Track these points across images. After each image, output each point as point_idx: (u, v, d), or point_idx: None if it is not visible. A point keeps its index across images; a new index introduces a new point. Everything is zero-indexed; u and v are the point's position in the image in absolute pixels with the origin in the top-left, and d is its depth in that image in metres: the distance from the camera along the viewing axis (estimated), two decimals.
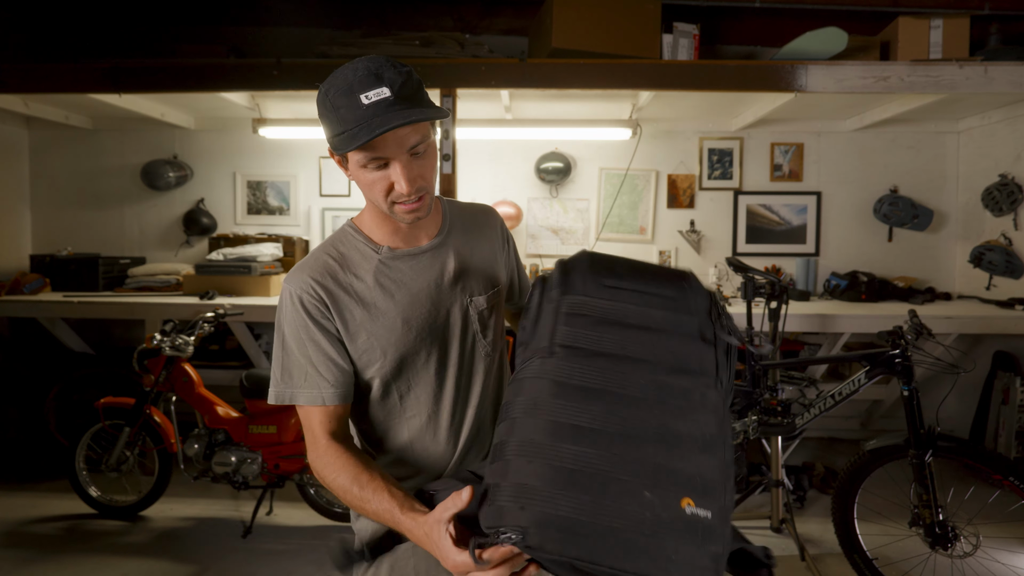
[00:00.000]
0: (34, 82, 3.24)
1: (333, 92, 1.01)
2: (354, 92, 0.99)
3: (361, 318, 1.11)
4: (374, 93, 0.98)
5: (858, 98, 3.43)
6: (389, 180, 1.04)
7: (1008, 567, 2.64)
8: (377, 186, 1.05)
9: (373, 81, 0.99)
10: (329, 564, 2.69)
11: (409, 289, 1.14)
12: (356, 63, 1.02)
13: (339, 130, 1.01)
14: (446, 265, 1.18)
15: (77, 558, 2.75)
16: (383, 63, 1.01)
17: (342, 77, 1.01)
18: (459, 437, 1.18)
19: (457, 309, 1.17)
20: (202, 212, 4.28)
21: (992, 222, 3.82)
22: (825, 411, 2.63)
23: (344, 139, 1.00)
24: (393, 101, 0.98)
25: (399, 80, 1.00)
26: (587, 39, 3.10)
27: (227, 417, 2.98)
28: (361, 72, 0.99)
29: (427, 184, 1.07)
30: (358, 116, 0.98)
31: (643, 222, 4.26)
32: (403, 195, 1.04)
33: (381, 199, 1.06)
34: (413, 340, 1.13)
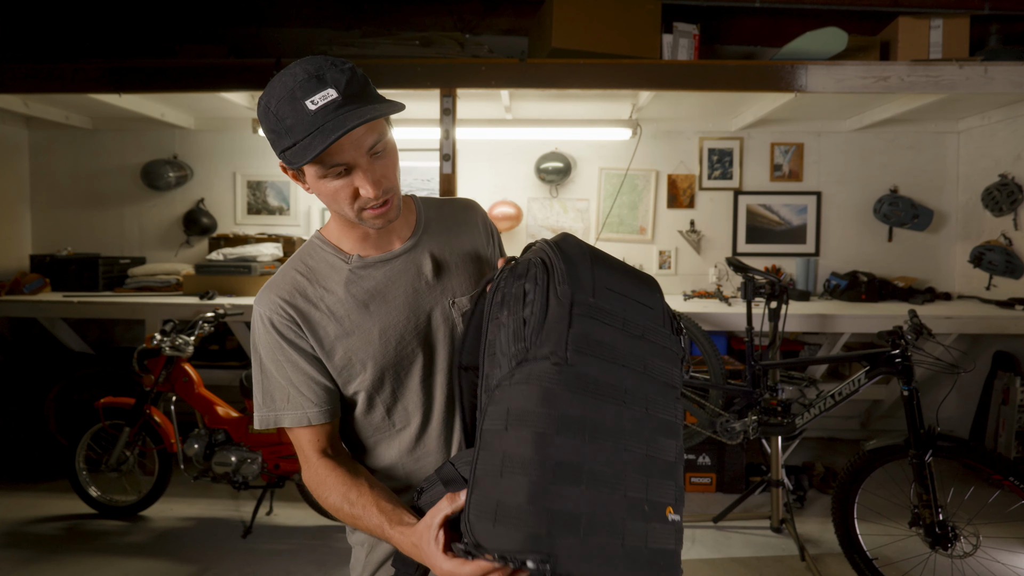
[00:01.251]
0: (34, 82, 3.24)
1: (275, 103, 0.93)
2: (297, 99, 0.91)
3: (336, 333, 1.06)
4: (319, 97, 0.91)
5: (858, 98, 3.43)
6: (353, 186, 0.98)
7: (1008, 567, 2.64)
8: (341, 195, 0.99)
9: (315, 84, 0.92)
10: (330, 564, 2.70)
11: (384, 297, 1.09)
12: (293, 67, 0.94)
13: (288, 142, 0.94)
14: (422, 267, 1.12)
15: (77, 558, 2.75)
16: (322, 63, 0.94)
17: (281, 85, 0.93)
18: (450, 446, 1.13)
19: (439, 313, 1.11)
20: (202, 212, 4.28)
21: (992, 222, 3.82)
22: (825, 411, 2.64)
23: (296, 152, 0.93)
24: (341, 102, 0.92)
25: (343, 79, 0.94)
26: (587, 39, 3.10)
27: (227, 417, 2.98)
28: (300, 76, 0.92)
29: (392, 184, 1.02)
30: (307, 124, 0.91)
31: (643, 222, 4.27)
32: (370, 199, 0.99)
33: (347, 208, 1.01)
34: (393, 350, 1.08)
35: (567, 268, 0.84)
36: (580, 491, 0.76)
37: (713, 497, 3.39)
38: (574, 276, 0.84)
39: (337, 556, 2.77)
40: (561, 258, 0.86)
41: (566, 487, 0.75)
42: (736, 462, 3.45)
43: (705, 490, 3.46)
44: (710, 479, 3.46)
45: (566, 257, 0.86)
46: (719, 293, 3.92)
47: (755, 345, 2.84)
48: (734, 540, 2.93)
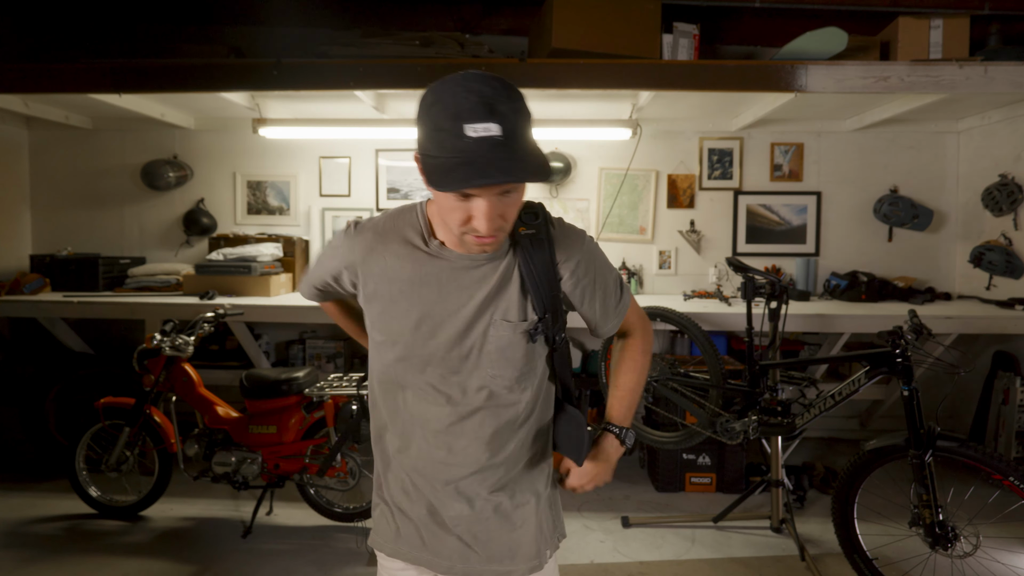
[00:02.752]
0: (34, 82, 3.24)
1: (438, 109, 0.93)
2: (460, 119, 0.90)
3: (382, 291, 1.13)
4: (482, 128, 0.89)
5: (858, 98, 3.43)
6: (468, 213, 0.97)
7: (1008, 567, 2.65)
8: (454, 214, 0.98)
9: (484, 113, 0.89)
10: (330, 564, 2.70)
11: (440, 288, 1.10)
12: (468, 81, 0.92)
13: (432, 151, 0.94)
14: (488, 278, 1.11)
15: (77, 558, 2.75)
16: (498, 90, 0.92)
17: (451, 94, 0.92)
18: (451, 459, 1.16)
19: (480, 326, 1.11)
20: (202, 212, 4.28)
21: (992, 222, 3.82)
22: (825, 411, 2.63)
23: (436, 170, 0.92)
24: (500, 142, 0.90)
25: (511, 117, 0.91)
26: (587, 39, 3.10)
27: (227, 417, 2.98)
28: (473, 96, 0.90)
29: (506, 223, 1.01)
30: (457, 148, 0.90)
31: (643, 222, 4.27)
32: (478, 231, 0.99)
33: (454, 226, 1.00)
34: (423, 339, 1.11)
35: None
36: None
37: (713, 497, 3.39)
38: None
39: (337, 556, 2.77)
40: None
41: None
42: (736, 462, 3.45)
43: (705, 490, 3.46)
44: (710, 479, 3.46)
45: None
46: (719, 293, 3.92)
47: (755, 345, 2.84)
48: (734, 540, 2.93)
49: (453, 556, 1.18)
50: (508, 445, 1.17)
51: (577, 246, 1.17)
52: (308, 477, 2.97)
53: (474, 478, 1.16)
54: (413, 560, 1.21)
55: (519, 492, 1.19)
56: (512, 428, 1.17)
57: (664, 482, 3.45)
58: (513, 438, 1.17)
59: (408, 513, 1.20)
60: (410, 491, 1.20)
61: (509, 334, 1.11)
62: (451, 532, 1.18)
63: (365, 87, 3.20)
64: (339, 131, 4.02)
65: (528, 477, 1.21)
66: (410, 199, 4.30)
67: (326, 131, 4.02)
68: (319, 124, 3.96)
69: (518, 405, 1.16)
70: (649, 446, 3.48)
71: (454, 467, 1.16)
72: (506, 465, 1.17)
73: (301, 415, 2.95)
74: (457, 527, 1.17)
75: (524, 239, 1.12)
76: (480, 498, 1.17)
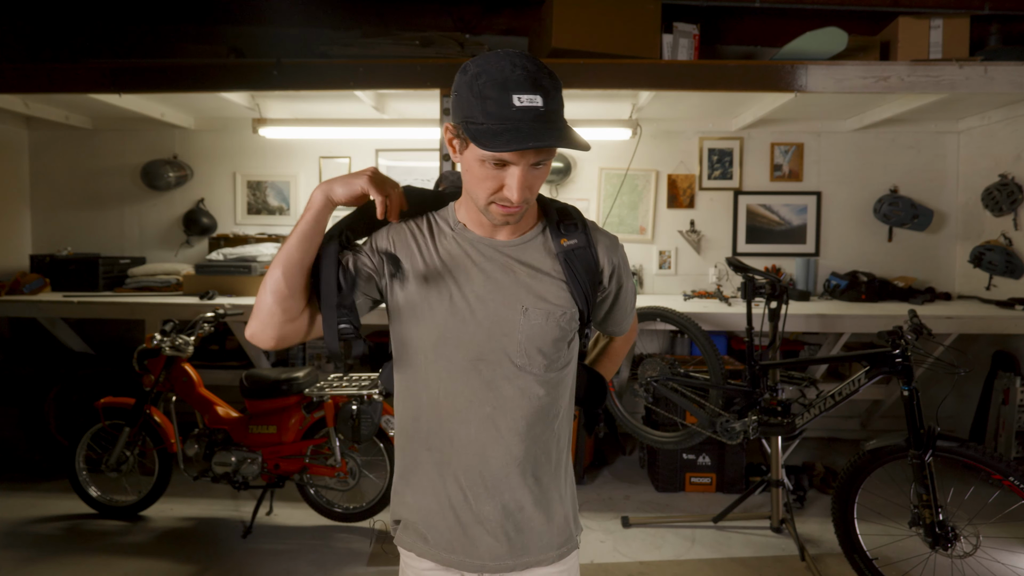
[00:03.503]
0: (34, 82, 3.24)
1: (484, 79, 0.97)
2: (508, 89, 0.95)
3: (413, 271, 1.13)
4: (527, 98, 0.95)
5: (858, 98, 3.43)
6: (501, 182, 1.02)
7: (1008, 567, 2.65)
8: (486, 183, 1.03)
9: (528, 86, 0.95)
10: (330, 564, 2.70)
11: (466, 270, 1.12)
12: (513, 57, 0.98)
13: (480, 121, 0.97)
14: (510, 265, 1.13)
15: (77, 558, 2.75)
16: (540, 68, 0.98)
17: (497, 67, 0.97)
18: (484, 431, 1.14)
19: (507, 311, 1.11)
20: (202, 212, 4.28)
21: (992, 222, 3.82)
22: (825, 411, 2.63)
23: (484, 134, 0.96)
24: (542, 113, 0.95)
25: (553, 92, 0.98)
26: (587, 39, 3.10)
27: (227, 417, 2.98)
28: (519, 70, 0.96)
29: (532, 195, 1.06)
30: (505, 116, 0.95)
31: (643, 222, 4.27)
32: (508, 200, 1.03)
33: (482, 194, 1.04)
34: (454, 322, 1.11)
35: None
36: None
37: (713, 497, 3.39)
38: None
39: (337, 556, 2.77)
40: None
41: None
42: (736, 462, 3.45)
43: (705, 490, 3.46)
44: (710, 479, 3.46)
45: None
46: (719, 293, 3.92)
47: (755, 345, 2.84)
48: (734, 540, 2.93)
49: (485, 555, 1.16)
50: (541, 437, 1.16)
51: (613, 253, 1.22)
52: (308, 477, 2.97)
53: (508, 471, 1.14)
54: (443, 562, 1.18)
55: (551, 485, 1.19)
56: (545, 420, 1.16)
57: (664, 482, 3.46)
58: (546, 431, 1.17)
59: (439, 513, 1.18)
60: (440, 489, 1.17)
61: (541, 322, 1.12)
62: (484, 529, 1.16)
63: (365, 87, 3.20)
64: (339, 131, 4.02)
65: (557, 470, 1.20)
66: None
67: (326, 131, 4.02)
68: (319, 124, 3.96)
69: (551, 396, 1.16)
70: (649, 446, 3.48)
71: (489, 460, 1.14)
72: (538, 458, 1.16)
73: (301, 415, 2.95)
74: (490, 523, 1.15)
75: (569, 250, 1.16)
76: (519, 490, 1.15)
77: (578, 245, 1.16)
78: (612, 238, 1.24)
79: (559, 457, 1.21)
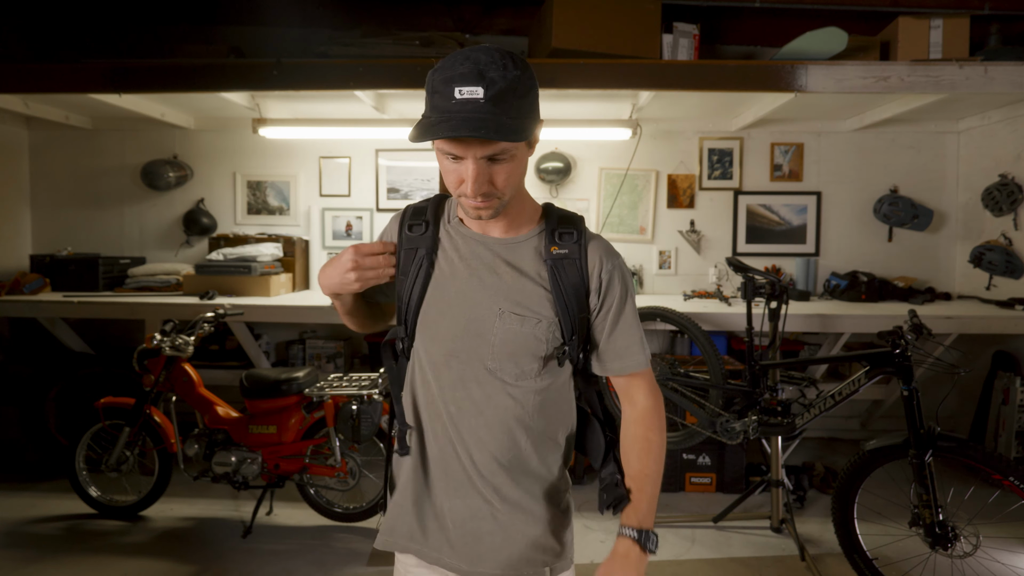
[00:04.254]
0: (34, 82, 3.24)
1: (437, 76, 0.99)
2: (452, 82, 0.96)
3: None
4: (468, 90, 0.95)
5: (858, 98, 3.43)
6: (460, 175, 1.03)
7: (1008, 567, 2.64)
8: (449, 177, 1.05)
9: (474, 78, 0.95)
10: (330, 564, 2.70)
11: (456, 264, 1.14)
12: (475, 52, 0.98)
13: (425, 113, 1.00)
14: (496, 265, 1.12)
15: (77, 558, 2.75)
16: (497, 60, 0.97)
17: (450, 63, 0.98)
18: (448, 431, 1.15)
19: (485, 311, 1.11)
20: (202, 212, 4.28)
21: (992, 222, 3.82)
22: (825, 411, 2.63)
23: (422, 126, 0.98)
24: (480, 104, 0.95)
25: (501, 84, 0.96)
26: (587, 39, 3.10)
27: (227, 417, 2.98)
28: (469, 63, 0.96)
29: (496, 190, 1.04)
30: (443, 108, 0.96)
31: (643, 222, 4.27)
32: (467, 195, 1.03)
33: (451, 188, 1.06)
34: (434, 314, 1.13)
35: None
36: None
37: (713, 497, 3.39)
38: None
39: (337, 556, 2.77)
40: None
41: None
42: (736, 462, 3.45)
43: (705, 490, 3.46)
44: (710, 479, 3.46)
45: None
46: (719, 293, 3.92)
47: (755, 345, 2.84)
48: (734, 540, 2.93)
49: (437, 548, 1.16)
50: (508, 455, 1.13)
51: (606, 264, 1.15)
52: (308, 477, 2.97)
53: (468, 475, 1.14)
54: (401, 549, 1.20)
55: (521, 504, 1.14)
56: (514, 439, 1.12)
57: (664, 482, 3.44)
58: (518, 452, 1.13)
59: (420, 508, 1.19)
60: (421, 485, 1.18)
61: (516, 328, 1.10)
62: (439, 524, 1.16)
63: (365, 87, 3.20)
64: (339, 131, 4.02)
65: (533, 495, 1.16)
66: (410, 199, 4.30)
67: (326, 131, 4.02)
68: (319, 124, 3.96)
69: (522, 412, 1.13)
70: None
71: (448, 459, 1.15)
72: (503, 475, 1.13)
73: (301, 415, 2.95)
74: (455, 523, 1.15)
75: (557, 258, 1.13)
76: (478, 497, 1.14)
77: (568, 255, 1.12)
78: (610, 252, 1.17)
79: (541, 487, 1.16)
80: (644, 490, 1.14)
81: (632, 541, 1.09)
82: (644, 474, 1.15)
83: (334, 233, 4.34)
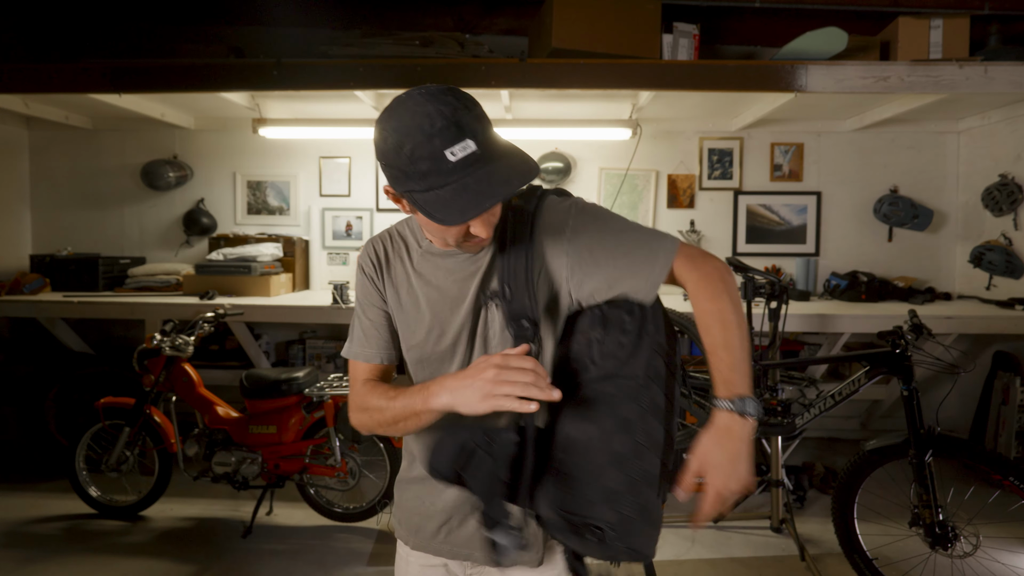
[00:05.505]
0: (34, 82, 3.24)
1: (409, 147, 0.90)
2: (436, 147, 0.88)
3: (394, 298, 1.16)
4: (459, 148, 0.88)
5: (858, 98, 3.43)
6: (467, 227, 0.99)
7: (1008, 567, 2.64)
8: (451, 232, 1.00)
9: (455, 133, 0.88)
10: (330, 564, 2.70)
11: (439, 288, 1.12)
12: (423, 104, 0.90)
13: (419, 187, 0.92)
14: (481, 267, 1.10)
15: (77, 558, 2.75)
16: (454, 105, 0.90)
17: (415, 125, 0.89)
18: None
19: (482, 313, 1.11)
20: (202, 212, 4.28)
21: (992, 222, 3.82)
22: (825, 411, 2.64)
23: (435, 205, 0.90)
24: (480, 156, 0.89)
25: (478, 128, 0.91)
26: (587, 39, 3.10)
27: (227, 417, 2.98)
28: (439, 120, 0.88)
29: (496, 219, 1.04)
30: (445, 174, 0.89)
31: (643, 222, 4.25)
32: (480, 239, 1.01)
33: (451, 240, 1.02)
34: (434, 343, 1.13)
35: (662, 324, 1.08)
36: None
37: None
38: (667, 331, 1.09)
39: (337, 556, 2.77)
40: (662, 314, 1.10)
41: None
42: None
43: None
44: None
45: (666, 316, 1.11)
46: None
47: (755, 345, 2.84)
48: (734, 540, 2.93)
49: (429, 538, 1.20)
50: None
51: (563, 230, 1.07)
52: (308, 477, 2.97)
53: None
54: (403, 539, 1.25)
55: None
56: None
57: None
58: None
59: (404, 485, 1.24)
60: (410, 464, 1.23)
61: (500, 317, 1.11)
62: (436, 521, 1.19)
63: (365, 87, 3.20)
64: (339, 131, 4.02)
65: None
66: None
67: (326, 131, 4.02)
68: (319, 124, 3.96)
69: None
70: None
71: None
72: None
73: (301, 415, 2.95)
74: (437, 517, 1.19)
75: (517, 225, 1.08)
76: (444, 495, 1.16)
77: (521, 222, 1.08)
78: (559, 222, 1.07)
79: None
80: (726, 359, 1.04)
81: (729, 412, 1.02)
82: (721, 343, 1.05)
83: (334, 233, 4.34)
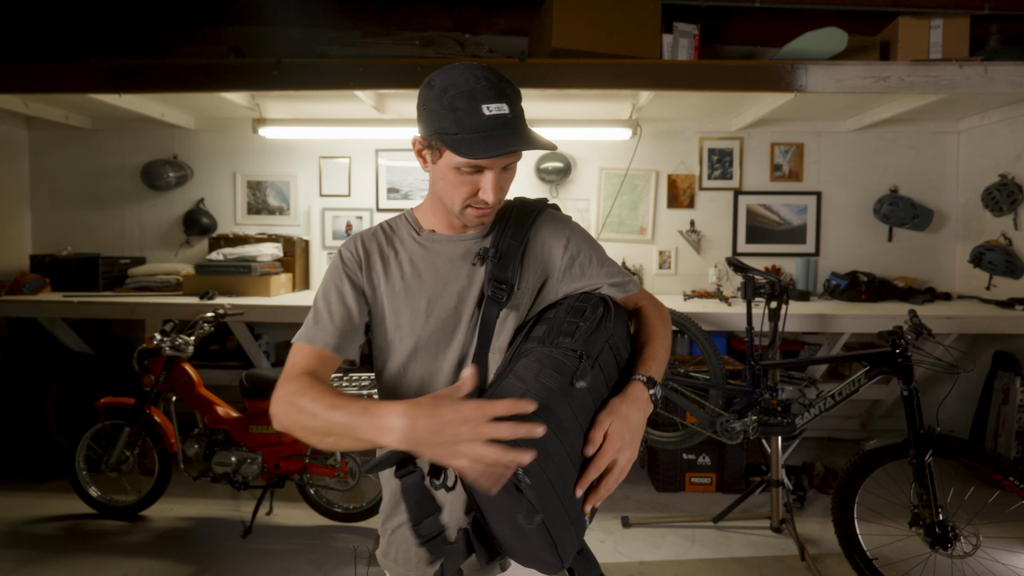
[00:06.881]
0: (34, 82, 3.24)
1: (452, 92, 1.02)
2: (476, 99, 1.00)
3: (388, 292, 1.16)
4: (496, 107, 1.00)
5: (858, 98, 3.43)
6: (476, 186, 1.08)
7: (1008, 567, 2.64)
8: (462, 188, 1.08)
9: (495, 95, 1.01)
10: (330, 564, 2.70)
11: (437, 271, 1.16)
12: (473, 69, 1.03)
13: (450, 129, 1.02)
14: (479, 253, 1.18)
15: (77, 558, 2.75)
16: (501, 78, 1.04)
17: (462, 80, 1.02)
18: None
19: (478, 299, 1.15)
20: (202, 212, 4.28)
21: (992, 222, 3.82)
22: (825, 411, 2.63)
23: (461, 143, 1.01)
24: (510, 120, 1.02)
25: (515, 100, 1.04)
26: (587, 39, 3.10)
27: (227, 417, 2.98)
28: (483, 81, 1.02)
29: (504, 195, 1.14)
30: (478, 125, 1.00)
31: (643, 222, 4.27)
32: (486, 203, 1.09)
33: (458, 199, 1.10)
34: (433, 324, 1.14)
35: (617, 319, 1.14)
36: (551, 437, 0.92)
37: (713, 497, 3.39)
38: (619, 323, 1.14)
39: (337, 556, 2.77)
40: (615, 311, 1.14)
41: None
42: (736, 462, 3.45)
43: (705, 490, 3.46)
44: (710, 479, 3.46)
45: (618, 312, 1.16)
46: (719, 293, 3.92)
47: (755, 345, 2.84)
48: (734, 540, 2.93)
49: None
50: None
51: (553, 242, 1.22)
52: (308, 477, 2.97)
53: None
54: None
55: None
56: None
57: (664, 482, 3.46)
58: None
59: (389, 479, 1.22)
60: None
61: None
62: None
63: (365, 87, 3.20)
64: (339, 131, 4.02)
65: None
66: (410, 199, 4.31)
67: (326, 131, 4.02)
68: (319, 124, 3.96)
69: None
70: (649, 446, 3.48)
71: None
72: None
73: None
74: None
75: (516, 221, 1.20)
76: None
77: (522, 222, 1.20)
78: (561, 222, 1.24)
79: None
80: (651, 350, 1.17)
81: (642, 384, 1.12)
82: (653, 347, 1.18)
83: (334, 233, 4.34)
